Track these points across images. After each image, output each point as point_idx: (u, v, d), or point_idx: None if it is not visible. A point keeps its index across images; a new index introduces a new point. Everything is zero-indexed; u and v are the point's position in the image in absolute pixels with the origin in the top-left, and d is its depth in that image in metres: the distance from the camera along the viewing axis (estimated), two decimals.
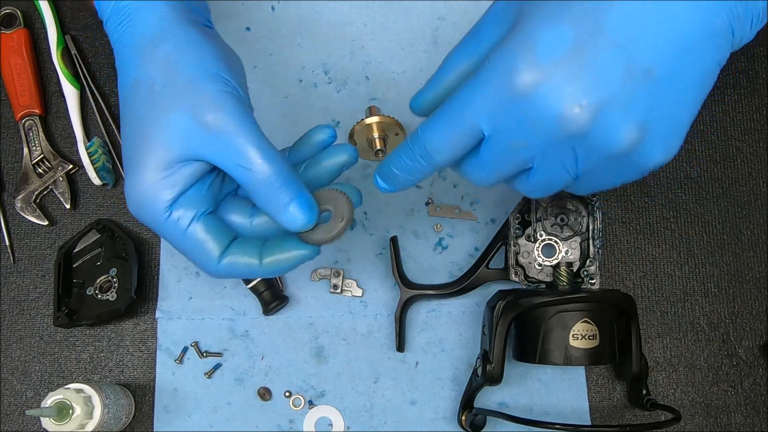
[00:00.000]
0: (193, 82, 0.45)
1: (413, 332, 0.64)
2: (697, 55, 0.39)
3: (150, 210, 0.45)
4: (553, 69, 0.38)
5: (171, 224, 0.46)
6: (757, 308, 0.65)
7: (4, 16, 0.69)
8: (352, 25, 0.70)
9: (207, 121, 0.44)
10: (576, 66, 0.37)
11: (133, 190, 0.45)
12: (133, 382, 0.64)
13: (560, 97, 0.38)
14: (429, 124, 0.43)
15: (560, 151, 0.40)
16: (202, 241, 0.46)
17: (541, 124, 0.39)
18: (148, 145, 0.45)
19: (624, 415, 0.63)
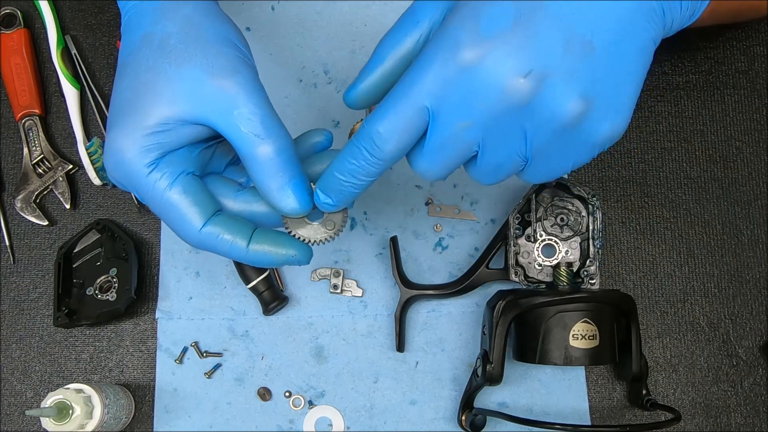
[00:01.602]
0: (212, 44, 0.44)
1: (413, 332, 0.64)
2: (633, 29, 0.40)
3: (131, 164, 0.43)
4: (496, 42, 0.38)
5: (152, 181, 0.43)
6: (757, 308, 0.65)
7: (4, 16, 0.69)
8: (352, 25, 0.70)
9: (221, 82, 0.43)
10: (518, 38, 0.38)
11: (118, 142, 0.43)
12: (133, 382, 0.64)
13: (504, 69, 0.38)
14: (375, 114, 0.41)
15: (506, 128, 0.40)
16: (184, 203, 0.44)
17: (486, 98, 0.39)
18: (150, 96, 0.43)
19: (624, 415, 0.63)
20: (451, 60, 0.39)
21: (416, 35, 0.43)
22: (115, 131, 0.44)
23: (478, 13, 0.39)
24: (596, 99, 0.39)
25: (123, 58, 0.46)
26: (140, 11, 0.46)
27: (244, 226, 0.46)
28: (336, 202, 0.44)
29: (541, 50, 0.38)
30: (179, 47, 0.44)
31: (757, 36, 0.69)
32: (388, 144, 0.41)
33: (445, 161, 0.42)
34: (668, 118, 0.68)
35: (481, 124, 0.40)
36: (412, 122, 0.41)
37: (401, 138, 0.41)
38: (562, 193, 0.60)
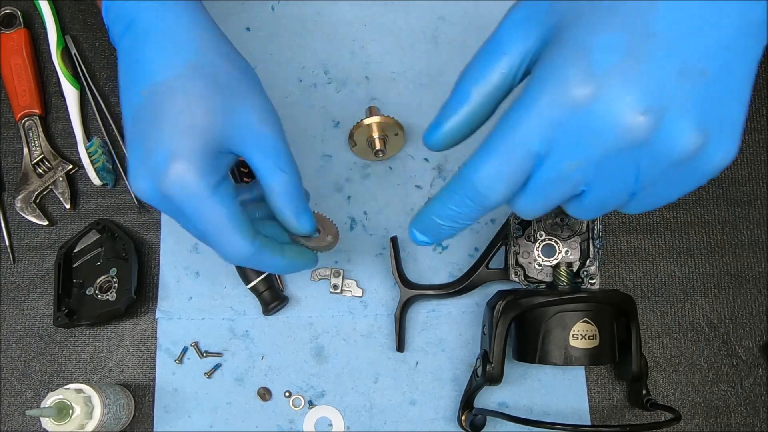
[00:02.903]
0: (255, 88, 0.49)
1: (413, 332, 0.64)
2: (741, 49, 0.37)
3: (195, 183, 0.45)
4: (609, 77, 0.36)
5: (214, 203, 0.46)
6: (757, 308, 0.65)
7: (4, 16, 0.69)
8: (352, 25, 0.70)
9: (266, 126, 0.48)
10: (632, 72, 0.36)
11: (180, 164, 0.45)
12: (133, 382, 0.64)
13: (621, 106, 0.36)
14: (476, 161, 0.39)
15: (618, 166, 0.38)
16: (243, 222, 0.47)
17: (600, 137, 0.37)
18: (208, 125, 0.45)
19: (624, 415, 0.63)
20: (561, 99, 0.37)
21: (505, 67, 0.41)
22: (174, 152, 0.45)
23: (586, 45, 0.36)
24: (711, 129, 0.37)
25: (167, 81, 0.46)
26: (177, 37, 0.47)
27: (277, 243, 0.50)
28: (433, 241, 0.45)
29: (657, 83, 0.36)
30: (231, 85, 0.47)
31: None
32: (495, 192, 0.39)
33: (548, 201, 0.40)
34: None
35: (593, 163, 0.38)
36: (520, 167, 0.39)
37: (508, 186, 0.39)
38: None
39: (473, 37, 0.70)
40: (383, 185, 0.67)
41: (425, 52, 0.70)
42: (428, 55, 0.70)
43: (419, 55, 0.70)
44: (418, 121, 0.68)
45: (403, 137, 0.65)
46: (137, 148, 0.47)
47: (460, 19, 0.70)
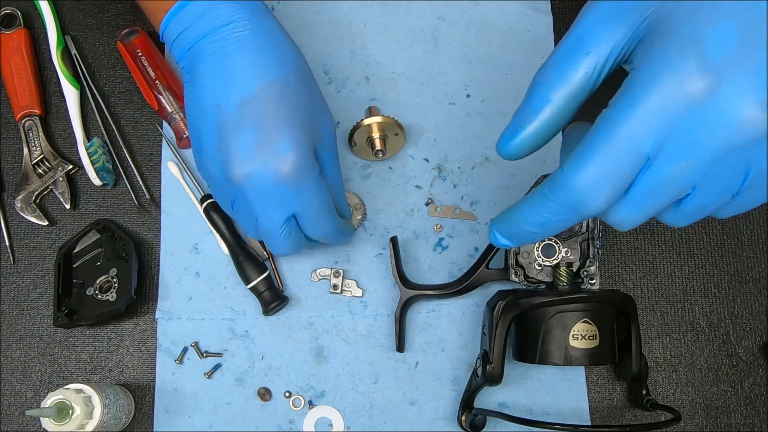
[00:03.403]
0: (321, 93, 0.57)
1: (413, 332, 0.64)
2: None
3: (310, 170, 0.52)
4: (728, 69, 0.33)
5: (322, 183, 0.53)
6: (757, 308, 0.65)
7: (4, 16, 0.69)
8: (352, 25, 0.70)
9: (333, 129, 0.57)
10: (749, 63, 0.33)
11: (300, 153, 0.51)
12: (133, 382, 0.64)
13: (743, 101, 0.33)
14: (577, 164, 0.36)
15: (730, 165, 0.35)
16: (332, 201, 0.55)
17: (717, 134, 0.34)
18: (310, 128, 0.52)
19: (624, 416, 0.63)
20: (675, 94, 0.34)
21: (589, 67, 0.38)
22: (297, 140, 0.51)
23: (698, 35, 0.34)
24: None
25: (281, 80, 0.52)
26: (280, 43, 0.54)
27: (345, 219, 0.60)
28: (515, 244, 0.43)
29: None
30: (318, 92, 0.56)
31: None
32: (596, 200, 0.36)
33: (650, 209, 0.37)
34: None
35: (705, 163, 0.35)
36: (627, 170, 0.35)
37: (612, 191, 0.36)
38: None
39: (473, 37, 0.70)
40: (383, 185, 0.67)
41: (425, 52, 0.70)
42: (428, 55, 0.70)
43: (419, 55, 0.70)
44: (418, 121, 0.68)
45: (403, 137, 0.65)
46: (250, 135, 0.50)
47: (460, 19, 0.70)
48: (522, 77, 0.69)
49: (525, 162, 0.67)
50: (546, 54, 0.70)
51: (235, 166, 0.50)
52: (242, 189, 0.51)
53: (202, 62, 0.52)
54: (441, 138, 0.68)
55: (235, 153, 0.50)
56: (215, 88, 0.51)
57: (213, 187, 0.55)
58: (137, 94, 0.69)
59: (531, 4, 0.71)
